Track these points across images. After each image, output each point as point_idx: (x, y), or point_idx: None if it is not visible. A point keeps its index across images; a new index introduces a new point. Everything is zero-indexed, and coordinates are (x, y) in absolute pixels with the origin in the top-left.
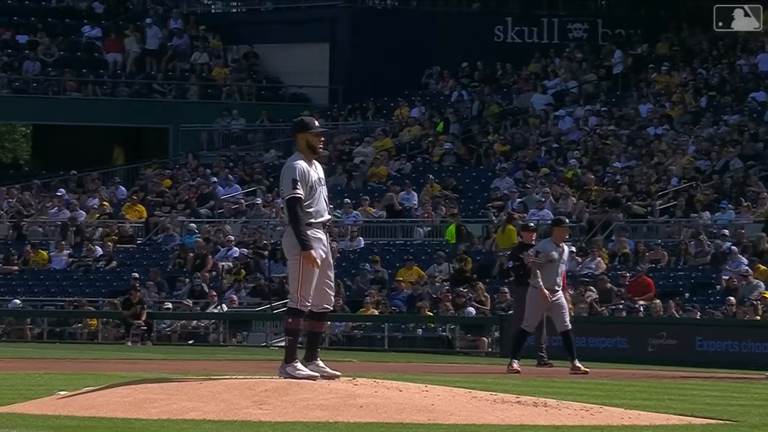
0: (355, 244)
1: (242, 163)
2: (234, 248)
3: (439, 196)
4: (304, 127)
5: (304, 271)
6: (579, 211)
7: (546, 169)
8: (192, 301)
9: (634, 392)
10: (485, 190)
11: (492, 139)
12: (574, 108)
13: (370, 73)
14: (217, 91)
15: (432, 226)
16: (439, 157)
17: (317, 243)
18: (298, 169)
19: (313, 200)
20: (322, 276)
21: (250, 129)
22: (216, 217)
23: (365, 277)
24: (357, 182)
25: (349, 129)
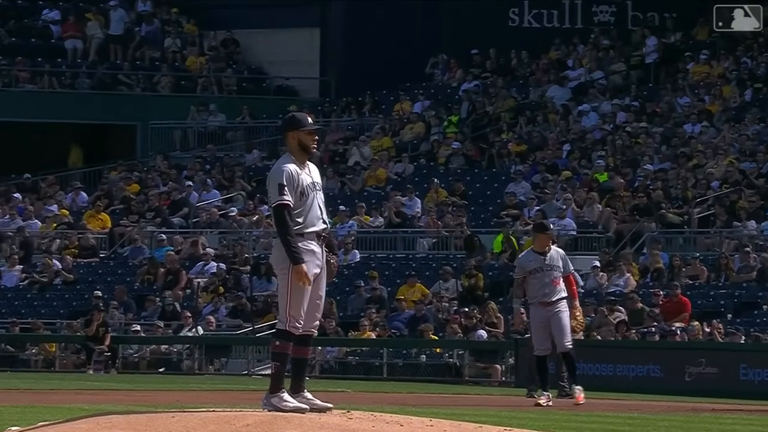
0: (350, 257)
1: (221, 166)
2: (211, 262)
3: (446, 203)
4: (295, 124)
5: (293, 288)
6: (606, 220)
7: (568, 173)
8: (163, 323)
9: (668, 427)
10: (498, 196)
11: (506, 137)
12: (599, 102)
13: (366, 62)
14: (192, 83)
15: (437, 237)
16: (445, 158)
17: (310, 256)
18: (286, 172)
19: (305, 207)
20: (313, 295)
21: (229, 126)
22: (190, 227)
23: (361, 295)
24: (352, 187)
25: (343, 126)
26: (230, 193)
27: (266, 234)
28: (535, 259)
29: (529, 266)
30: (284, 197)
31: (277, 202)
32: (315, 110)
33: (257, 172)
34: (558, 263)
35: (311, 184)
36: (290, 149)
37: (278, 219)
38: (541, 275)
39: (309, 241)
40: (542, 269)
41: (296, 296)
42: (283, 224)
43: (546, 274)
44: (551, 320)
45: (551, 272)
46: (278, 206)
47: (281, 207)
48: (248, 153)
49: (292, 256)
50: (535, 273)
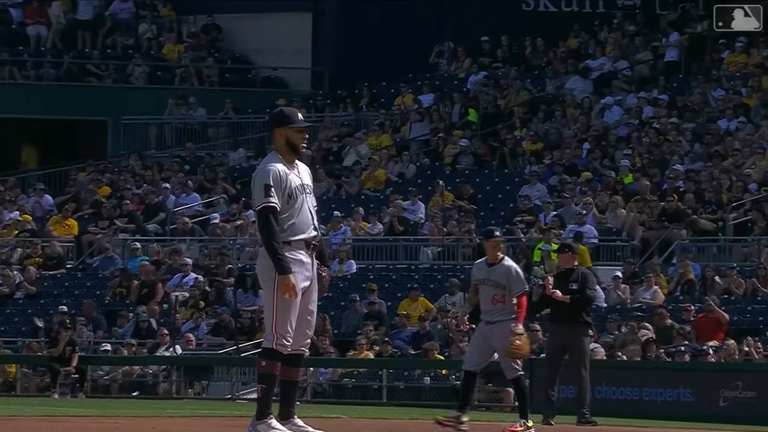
0: (345, 268)
1: (202, 166)
2: (191, 274)
3: (452, 208)
4: (283, 120)
5: (280, 302)
6: (630, 227)
7: (588, 174)
8: (137, 341)
9: None
10: (511, 200)
11: (520, 135)
12: (624, 95)
13: (364, 51)
14: (169, 73)
15: (443, 246)
16: (452, 157)
17: (298, 267)
18: (273, 172)
19: (293, 211)
20: (303, 311)
21: (211, 122)
22: (168, 234)
23: (357, 310)
24: (348, 190)
25: (338, 122)
26: (212, 196)
27: (252, 242)
28: (482, 270)
29: (476, 275)
30: (270, 200)
31: (262, 205)
32: (306, 104)
33: (242, 173)
34: (502, 280)
35: (300, 186)
36: (277, 147)
37: (263, 224)
38: (484, 289)
39: (297, 250)
40: (485, 282)
41: (284, 311)
42: (268, 229)
43: (487, 289)
44: (492, 342)
45: (491, 288)
46: (263, 210)
47: (267, 210)
48: (232, 152)
49: (278, 265)
50: (481, 284)
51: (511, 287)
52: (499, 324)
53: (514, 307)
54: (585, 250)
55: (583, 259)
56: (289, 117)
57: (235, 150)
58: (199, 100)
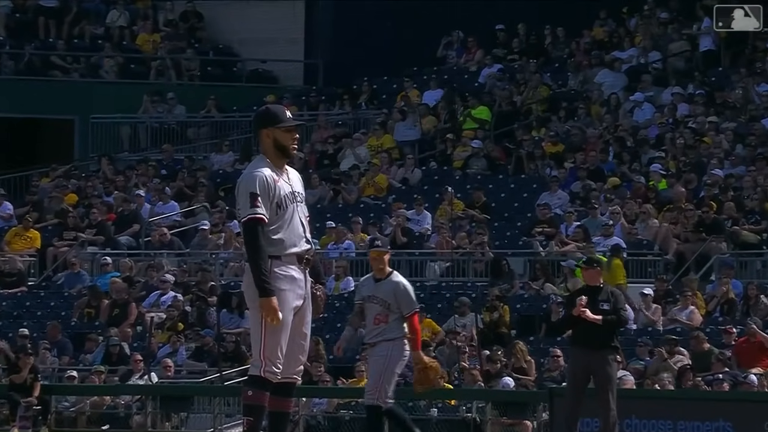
0: (342, 286)
1: (181, 170)
2: (169, 292)
3: (462, 218)
4: (269, 119)
5: (269, 324)
6: (664, 239)
7: (616, 179)
8: (107, 368)
9: None
10: (528, 209)
11: (538, 135)
12: (656, 91)
13: (363, 41)
14: (144, 67)
15: (452, 261)
16: (462, 161)
17: (289, 284)
18: (259, 179)
19: (283, 222)
20: (295, 333)
21: (191, 121)
22: (142, 247)
23: (356, 333)
24: (345, 197)
25: (333, 122)
26: (192, 204)
27: (237, 256)
28: (368, 286)
29: (361, 292)
30: (257, 211)
31: (248, 216)
32: (298, 101)
33: (226, 179)
34: (389, 297)
35: (290, 194)
36: (265, 150)
37: (249, 237)
38: (369, 308)
39: (289, 265)
40: (370, 300)
41: (273, 334)
42: (254, 244)
43: (372, 307)
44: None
45: (376, 307)
46: (249, 221)
47: (253, 222)
48: (215, 154)
49: (260, 286)
50: (366, 302)
51: (400, 306)
52: (378, 346)
53: (403, 329)
54: (619, 265)
55: (616, 275)
56: (275, 115)
57: (218, 153)
58: (177, 97)
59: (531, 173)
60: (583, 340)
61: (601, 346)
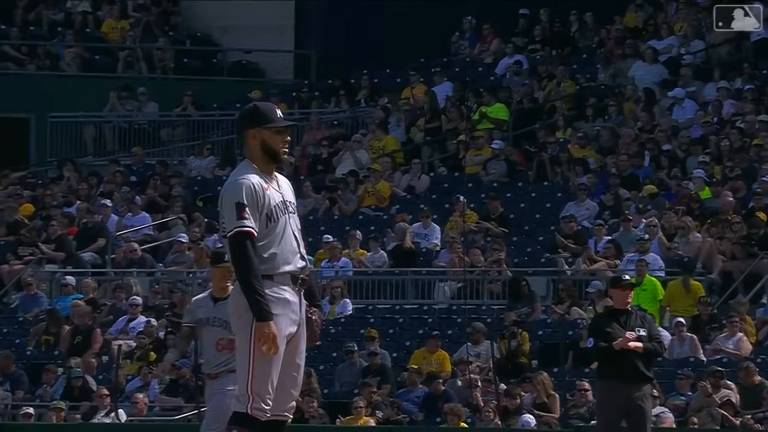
0: (339, 309)
1: (153, 177)
2: (139, 317)
3: (477, 231)
4: (257, 119)
5: (258, 354)
6: (708, 256)
7: (652, 187)
8: (68, 403)
9: None
10: (552, 221)
11: (564, 137)
12: (698, 86)
13: (361, 29)
14: (111, 58)
15: (464, 281)
16: (476, 166)
17: (282, 308)
18: (247, 186)
19: (274, 237)
20: (288, 364)
21: (165, 121)
22: (108, 265)
23: (355, 364)
24: (343, 207)
25: (328, 121)
26: (166, 216)
27: None
28: (206, 306)
29: (196, 314)
30: (245, 222)
31: (234, 230)
32: (288, 97)
33: (205, 187)
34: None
35: (282, 204)
36: (251, 155)
37: (237, 253)
38: (208, 331)
39: (281, 286)
40: (209, 323)
41: (263, 365)
42: (245, 261)
43: (212, 331)
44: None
45: (217, 330)
46: (237, 235)
47: (241, 236)
48: (192, 159)
49: (256, 308)
50: (204, 326)
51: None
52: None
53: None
54: (657, 285)
55: (654, 295)
56: (264, 114)
57: (196, 156)
58: (149, 93)
59: (555, 180)
60: (617, 371)
61: (639, 379)
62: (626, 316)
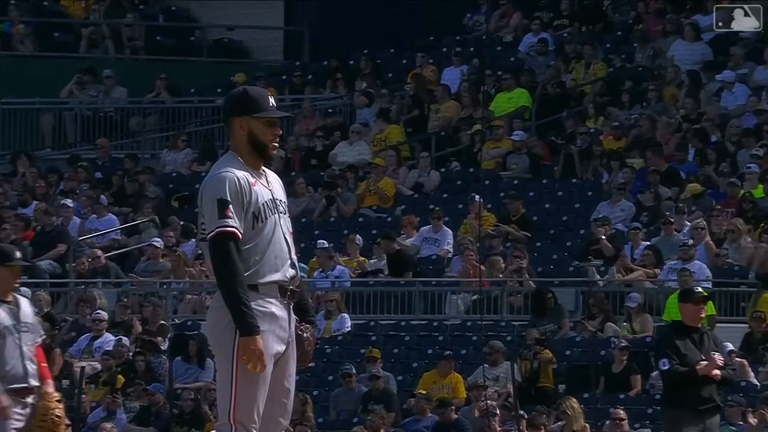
0: (335, 325)
1: (120, 174)
2: (106, 334)
3: (495, 236)
4: (246, 106)
5: (241, 377)
6: (762, 264)
7: (697, 185)
8: None
9: None
10: (582, 224)
11: (595, 126)
12: (750, 68)
13: (361, 3)
14: (72, 35)
15: (480, 293)
16: (494, 160)
17: (269, 323)
18: (231, 182)
19: (261, 240)
20: (276, 389)
21: (135, 108)
22: (70, 274)
23: (353, 388)
24: (342, 208)
25: (323, 108)
26: (136, 218)
27: (196, 286)
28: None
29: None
30: (228, 222)
31: (215, 230)
32: (277, 81)
33: (181, 184)
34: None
35: (271, 203)
36: (237, 146)
37: (218, 257)
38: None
39: (268, 298)
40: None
41: (247, 389)
42: (228, 267)
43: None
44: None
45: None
46: (219, 236)
47: (223, 237)
48: (167, 152)
49: (240, 321)
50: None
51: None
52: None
53: None
54: None
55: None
56: (255, 101)
57: (171, 150)
58: (116, 76)
59: (585, 177)
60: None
61: (714, 409)
62: (699, 335)
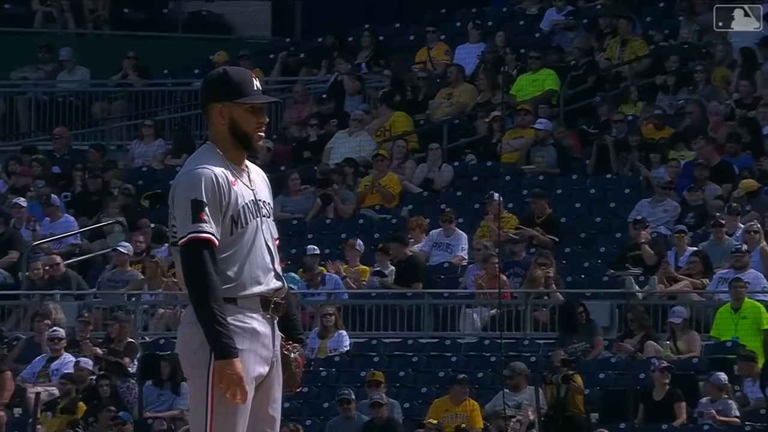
0: (331, 345)
1: (80, 168)
2: (65, 355)
3: (516, 240)
4: (227, 89)
5: (218, 404)
6: None
7: (752, 182)
8: None
9: None
10: (618, 227)
11: (633, 113)
12: None
13: None
14: (24, 8)
15: (499, 307)
16: (516, 152)
17: (249, 342)
18: (207, 179)
19: (240, 247)
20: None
21: (98, 91)
22: (23, 285)
23: (352, 417)
24: (340, 209)
25: (318, 93)
26: (100, 220)
27: (170, 298)
28: None
29: None
30: (202, 227)
31: (188, 236)
32: (264, 61)
33: (152, 180)
34: None
35: (253, 205)
36: (216, 136)
37: (190, 268)
38: None
39: (248, 313)
40: None
41: (224, 419)
42: (199, 278)
43: None
44: None
45: None
46: (191, 243)
47: (196, 244)
48: (136, 143)
49: (216, 342)
50: None
51: None
52: None
53: None
54: (761, 310)
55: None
56: (237, 85)
57: (140, 140)
58: (77, 55)
59: (621, 172)
60: None
61: None
62: None
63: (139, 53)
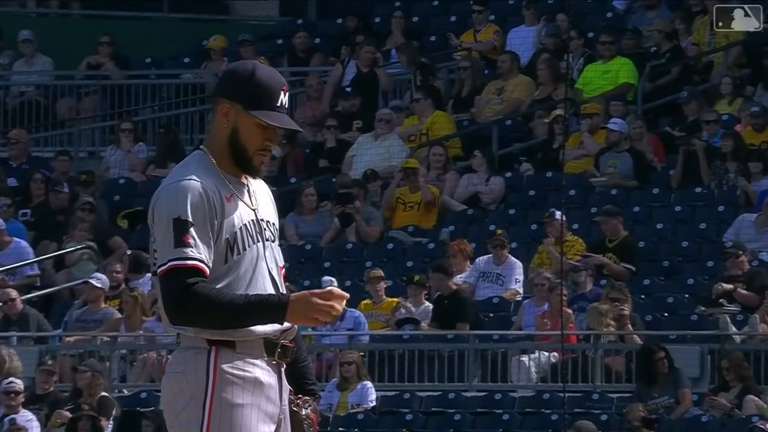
0: (354, 398)
1: (39, 179)
2: (24, 412)
3: (582, 269)
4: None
5: None
6: None
7: None
8: None
9: None
10: (710, 253)
11: (729, 113)
12: None
13: None
14: None
15: (562, 352)
16: (583, 160)
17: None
18: (194, 193)
19: (238, 279)
20: None
21: (65, 85)
22: None
23: None
24: (363, 230)
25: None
26: (66, 246)
27: (152, 343)
28: None
29: None
30: (187, 252)
31: (167, 264)
32: (269, 47)
33: (131, 196)
34: None
35: (253, 227)
36: (212, 140)
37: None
38: None
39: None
40: None
41: None
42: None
43: None
44: None
45: None
46: (172, 272)
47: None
48: (112, 149)
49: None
50: None
51: None
52: None
53: None
54: None
55: None
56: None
57: (116, 146)
58: (38, 40)
59: (714, 184)
60: None
61: None
62: None
63: (115, 38)
